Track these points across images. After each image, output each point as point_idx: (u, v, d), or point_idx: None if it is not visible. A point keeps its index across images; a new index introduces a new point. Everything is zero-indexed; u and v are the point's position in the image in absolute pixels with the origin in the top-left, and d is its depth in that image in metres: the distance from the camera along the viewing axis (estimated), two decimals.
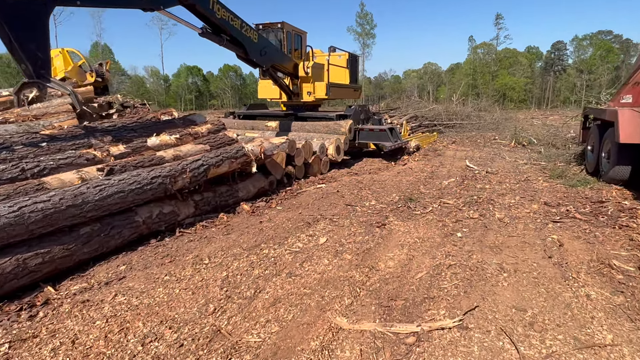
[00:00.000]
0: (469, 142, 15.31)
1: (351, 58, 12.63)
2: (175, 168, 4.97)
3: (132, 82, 78.32)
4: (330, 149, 9.09)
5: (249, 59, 8.84)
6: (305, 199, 6.69)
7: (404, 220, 5.35)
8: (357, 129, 10.72)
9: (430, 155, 11.97)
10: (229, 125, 11.50)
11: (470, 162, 10.22)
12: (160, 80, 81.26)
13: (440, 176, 8.69)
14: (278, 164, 7.56)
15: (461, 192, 7.05)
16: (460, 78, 72.51)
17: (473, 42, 76.22)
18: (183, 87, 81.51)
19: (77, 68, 16.81)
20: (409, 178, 8.47)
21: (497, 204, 6.13)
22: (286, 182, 7.85)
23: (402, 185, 7.73)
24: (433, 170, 9.45)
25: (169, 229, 5.03)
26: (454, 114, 20.31)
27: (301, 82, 11.22)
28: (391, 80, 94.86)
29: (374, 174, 9.22)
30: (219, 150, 5.92)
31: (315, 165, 8.73)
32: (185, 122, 7.04)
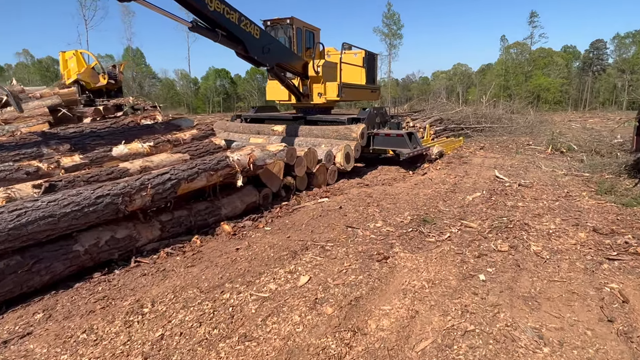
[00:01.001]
0: (499, 147, 13.93)
1: (368, 56, 11.58)
2: (132, 184, 4.10)
3: (162, 85, 79.78)
4: (339, 157, 8.09)
5: (250, 56, 7.97)
6: (301, 218, 5.72)
7: (412, 252, 4.29)
8: (371, 134, 9.66)
9: (454, 163, 10.76)
10: (234, 130, 10.73)
11: (500, 172, 8.98)
12: (190, 83, 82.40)
13: (463, 189, 7.52)
14: (274, 174, 6.63)
15: (488, 212, 5.90)
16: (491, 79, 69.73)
17: (505, 41, 73.18)
18: (211, 90, 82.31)
19: (89, 70, 16.51)
20: (427, 191, 7.35)
21: (533, 229, 4.96)
22: (284, 195, 6.91)
23: (417, 201, 6.63)
24: (456, 181, 8.28)
25: (124, 258, 4.17)
26: (483, 116, 18.84)
27: (311, 83, 10.27)
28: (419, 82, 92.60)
29: (388, 185, 8.15)
30: (195, 161, 5.04)
31: (320, 176, 7.75)
32: (168, 128, 6.22)
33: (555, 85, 66.70)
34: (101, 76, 16.48)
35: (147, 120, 6.24)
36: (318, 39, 11.10)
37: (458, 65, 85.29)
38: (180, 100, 77.41)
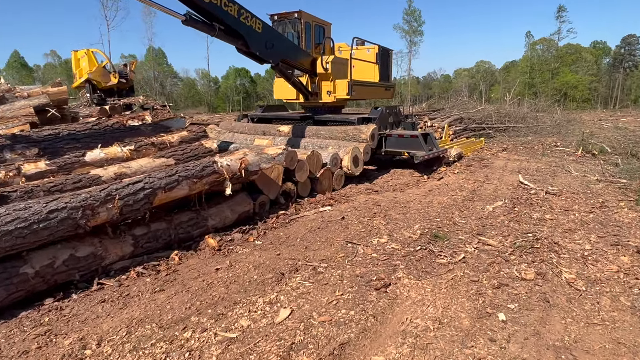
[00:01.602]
0: (523, 149, 13.01)
1: (382, 52, 10.88)
2: (95, 195, 3.60)
3: (184, 85, 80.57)
4: (346, 160, 7.46)
5: (251, 52, 7.43)
6: (297, 230, 5.13)
7: (418, 277, 3.64)
8: (383, 135, 8.99)
9: (474, 166, 9.97)
10: (239, 130, 10.22)
11: (525, 177, 8.17)
12: (210, 83, 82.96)
13: (483, 197, 6.79)
14: (272, 180, 6.06)
15: (510, 226, 5.18)
16: (515, 76, 67.49)
17: (531, 37, 70.66)
18: (231, 89, 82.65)
19: (101, 69, 16.35)
20: (442, 199, 6.65)
21: (564, 250, 4.23)
22: (283, 202, 6.33)
23: (430, 211, 5.96)
24: (475, 187, 7.54)
25: (86, 279, 3.68)
26: (506, 115, 17.83)
27: (320, 80, 9.66)
28: (440, 80, 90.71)
29: (399, 191, 7.47)
30: (176, 167, 4.51)
31: (324, 181, 7.15)
32: (156, 129, 5.74)
33: (583, 82, 64.02)
34: (112, 75, 16.31)
35: (135, 121, 5.76)
36: (329, 34, 10.48)
37: (481, 63, 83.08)
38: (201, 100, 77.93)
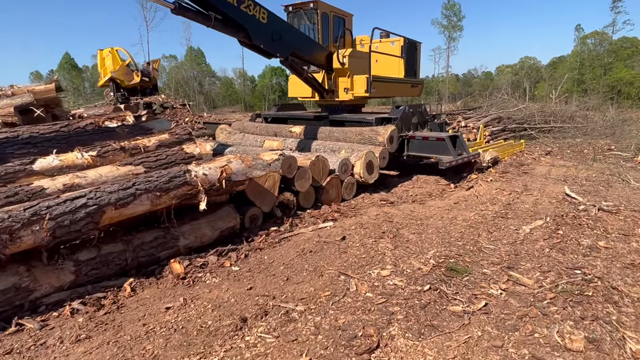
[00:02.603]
0: (570, 152, 11.53)
1: (408, 45, 9.82)
2: (17, 215, 2.93)
3: (221, 84, 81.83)
4: (358, 167, 6.55)
5: (254, 45, 6.68)
6: (285, 253, 4.30)
7: (418, 337, 2.70)
8: (405, 137, 7.99)
9: (511, 172, 8.74)
10: (250, 131, 9.53)
11: (572, 189, 6.93)
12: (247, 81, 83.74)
13: (519, 213, 5.68)
14: (266, 190, 5.27)
15: (552, 255, 4.10)
16: (563, 73, 63.32)
17: (581, 31, 66.02)
18: (267, 88, 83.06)
19: (124, 67, 16.17)
20: (468, 215, 5.61)
21: (627, 300, 3.14)
22: (280, 215, 5.52)
23: (452, 230, 4.95)
24: (510, 200, 6.41)
25: (7, 317, 3.01)
26: (552, 114, 16.14)
27: (337, 76, 8.78)
28: (481, 77, 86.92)
29: (419, 203, 6.47)
30: (134, 179, 3.79)
31: (331, 190, 6.27)
32: (135, 131, 5.08)
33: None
34: (135, 74, 16.12)
35: (113, 121, 5.14)
36: (350, 27, 9.56)
37: (525, 59, 78.68)
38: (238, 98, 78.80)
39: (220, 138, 9.72)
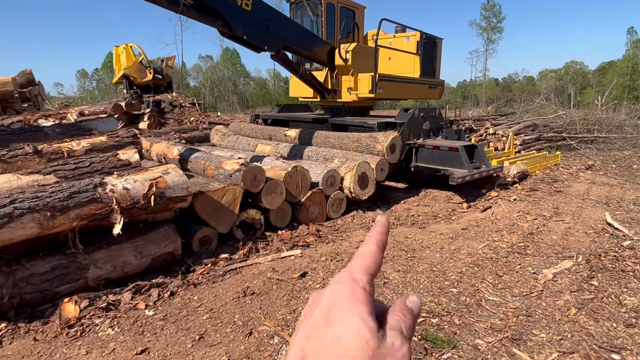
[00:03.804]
0: (616, 168, 9.95)
1: (426, 41, 8.65)
2: None
3: (255, 84, 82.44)
4: (348, 180, 5.51)
5: (235, 35, 5.81)
6: (221, 294, 3.35)
7: None
8: (413, 145, 6.86)
9: (541, 190, 7.42)
10: (246, 133, 8.68)
11: (615, 216, 5.60)
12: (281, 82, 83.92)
13: (542, 249, 4.47)
14: (223, 207, 4.34)
15: (579, 322, 2.94)
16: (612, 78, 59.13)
17: (634, 34, 61.55)
18: None
19: (137, 64, 15.80)
20: (475, 247, 4.47)
21: None
22: (242, 237, 4.58)
23: (448, 270, 3.85)
24: (534, 228, 5.18)
25: None
26: (596, 123, 14.36)
27: (340, 74, 7.78)
28: (523, 82, 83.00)
29: (419, 227, 5.35)
30: (20, 194, 2.95)
31: (313, 207, 5.26)
32: (70, 131, 4.30)
33: None
34: (147, 71, 15.75)
35: (50, 119, 4.39)
36: (360, 20, 8.54)
37: (571, 63, 74.49)
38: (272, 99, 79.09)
39: (215, 140, 8.94)
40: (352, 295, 0.42)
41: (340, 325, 0.39)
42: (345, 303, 0.41)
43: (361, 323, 0.39)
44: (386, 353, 0.38)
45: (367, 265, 0.45)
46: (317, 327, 0.41)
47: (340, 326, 0.39)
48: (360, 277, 0.44)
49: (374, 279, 0.45)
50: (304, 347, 0.40)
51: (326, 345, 0.39)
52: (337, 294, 0.43)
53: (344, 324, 0.40)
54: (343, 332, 0.39)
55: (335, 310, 0.41)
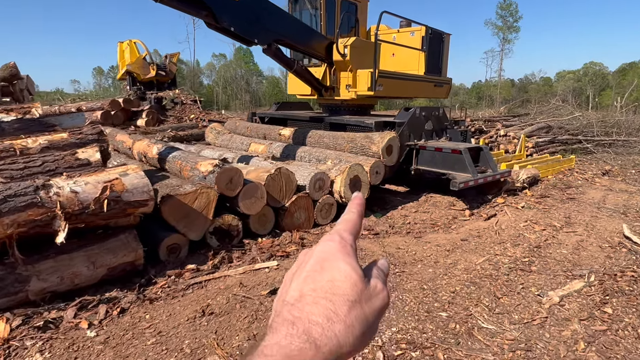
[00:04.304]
0: (636, 173, 9.31)
1: (432, 36, 8.16)
2: None
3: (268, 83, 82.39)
4: (338, 183, 5.08)
5: (223, 27, 5.43)
6: (177, 312, 2.97)
7: None
8: (413, 147, 6.40)
9: (553, 197, 6.89)
10: (241, 131, 8.32)
11: (634, 228, 5.06)
12: None
13: (550, 265, 3.99)
14: (195, 212, 3.97)
15: (588, 358, 2.47)
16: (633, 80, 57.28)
17: None
18: None
19: (141, 61, 15.54)
20: (474, 261, 4.00)
21: None
22: (217, 245, 4.20)
23: (440, 289, 3.40)
24: (542, 240, 4.69)
25: None
26: (615, 125, 13.64)
27: (338, 71, 7.35)
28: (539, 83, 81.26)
29: (415, 236, 4.89)
30: None
31: (298, 213, 4.84)
32: (30, 127, 3.97)
33: None
34: (151, 67, 15.50)
35: (12, 114, 4.06)
36: (363, 14, 8.08)
37: (590, 64, 72.67)
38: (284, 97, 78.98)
39: (209, 138, 8.61)
40: (342, 249, 0.50)
41: (335, 270, 0.47)
42: (337, 255, 0.49)
43: (351, 269, 0.47)
44: (371, 293, 0.48)
45: (351, 228, 0.54)
46: (313, 272, 0.48)
47: (335, 271, 0.47)
48: (347, 236, 0.52)
49: (356, 239, 0.53)
50: (301, 289, 0.47)
51: (322, 286, 0.46)
52: (330, 247, 0.50)
53: (338, 269, 0.47)
54: (337, 276, 0.47)
55: (329, 260, 0.49)
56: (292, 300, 0.46)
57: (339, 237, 0.51)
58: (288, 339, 0.42)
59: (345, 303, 0.45)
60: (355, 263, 0.48)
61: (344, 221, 0.55)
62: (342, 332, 0.43)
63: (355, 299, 0.45)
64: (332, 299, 0.45)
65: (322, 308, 0.44)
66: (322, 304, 0.44)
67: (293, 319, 0.44)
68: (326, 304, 0.44)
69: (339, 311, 0.44)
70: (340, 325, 0.44)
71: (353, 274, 0.47)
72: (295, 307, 0.45)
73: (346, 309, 0.44)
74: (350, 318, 0.44)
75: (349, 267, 0.47)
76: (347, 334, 0.43)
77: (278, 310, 0.47)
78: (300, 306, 0.45)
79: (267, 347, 0.42)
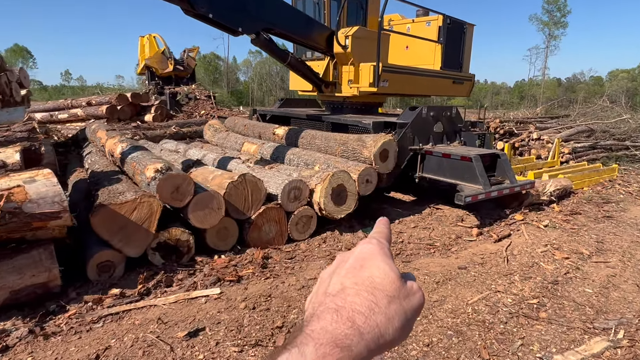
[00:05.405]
0: None
1: (450, 26, 7.22)
2: None
3: None
4: (318, 193, 4.36)
5: (200, 14, 4.85)
6: (64, 359, 2.40)
7: None
8: (418, 151, 5.58)
9: (586, 213, 5.86)
10: (238, 129, 7.76)
11: None
12: None
13: (565, 310, 3.12)
14: (133, 224, 3.39)
15: None
16: None
17: None
18: None
19: (159, 55, 15.39)
20: (467, 298, 3.20)
21: None
22: (162, 263, 3.61)
23: (410, 340, 2.64)
24: (562, 273, 3.79)
25: None
26: None
27: (340, 64, 6.61)
28: (589, 82, 76.31)
29: (404, 259, 4.10)
30: None
31: (267, 226, 4.17)
32: None
33: None
34: (169, 62, 15.32)
35: None
36: (375, 3, 7.27)
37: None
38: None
39: (207, 136, 8.13)
40: (381, 250, 0.53)
41: (374, 268, 0.50)
42: (376, 255, 0.52)
43: (389, 268, 0.50)
44: (408, 292, 0.49)
45: (385, 236, 0.57)
46: (353, 269, 0.51)
47: (374, 268, 0.50)
48: (384, 242, 0.55)
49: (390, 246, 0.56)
50: (343, 282, 0.49)
51: (363, 281, 0.48)
52: (369, 249, 0.53)
53: (377, 267, 0.50)
54: (376, 273, 0.49)
55: (368, 259, 0.51)
56: (334, 291, 0.48)
57: (377, 241, 0.55)
58: (333, 324, 0.44)
59: (385, 297, 0.47)
60: (393, 264, 0.51)
61: (377, 232, 0.58)
62: (383, 322, 0.45)
63: (394, 294, 0.48)
64: (373, 292, 0.47)
65: (364, 299, 0.46)
66: (364, 295, 0.47)
67: (337, 307, 0.46)
68: (368, 296, 0.46)
69: (380, 303, 0.46)
70: (382, 316, 0.46)
71: (391, 272, 0.49)
72: (338, 297, 0.47)
73: (386, 302, 0.47)
74: (391, 311, 0.46)
75: (388, 267, 0.50)
76: (387, 325, 0.46)
77: (320, 300, 0.49)
78: (343, 296, 0.47)
79: (314, 332, 0.43)
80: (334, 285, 0.49)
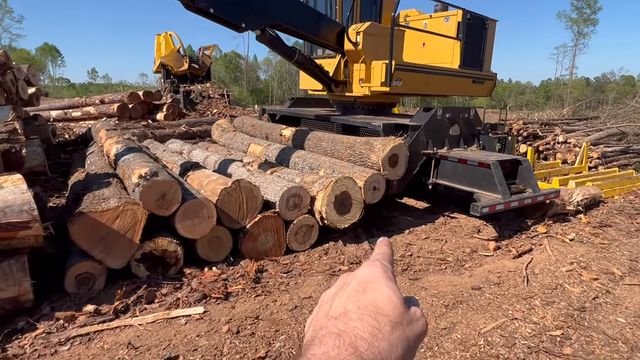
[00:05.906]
0: None
1: (470, 22, 6.77)
2: None
3: None
4: (320, 201, 4.04)
5: (200, 9, 4.59)
6: None
7: None
8: (431, 155, 5.19)
9: (617, 225, 5.36)
10: (246, 130, 7.51)
11: None
12: None
13: (593, 345, 2.71)
14: (115, 234, 3.15)
15: None
16: None
17: None
18: None
19: (175, 53, 15.33)
20: (479, 327, 2.83)
21: None
22: (146, 275, 3.36)
23: None
24: (590, 297, 3.37)
25: None
26: None
27: (351, 62, 6.27)
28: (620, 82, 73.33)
29: (411, 277, 3.74)
30: None
31: (264, 236, 3.88)
32: None
33: None
34: (184, 60, 15.25)
35: None
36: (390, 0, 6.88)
37: None
38: None
39: (215, 136, 7.92)
40: (384, 273, 0.51)
41: (377, 292, 0.48)
42: (380, 279, 0.50)
43: (393, 293, 0.48)
44: (411, 319, 0.48)
45: (388, 258, 0.56)
46: (356, 293, 0.49)
47: (377, 293, 0.48)
48: (387, 265, 0.54)
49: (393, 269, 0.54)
50: (345, 306, 0.48)
51: (365, 305, 0.47)
52: (372, 272, 0.52)
53: (381, 291, 0.48)
54: (379, 297, 0.48)
55: (372, 282, 0.50)
56: (337, 315, 0.47)
57: (380, 264, 0.53)
58: (336, 350, 0.43)
59: (389, 323, 0.46)
60: (397, 288, 0.50)
61: (380, 254, 0.57)
62: (385, 349, 0.44)
63: (397, 320, 0.46)
64: (376, 317, 0.46)
65: (367, 325, 0.45)
66: (367, 320, 0.45)
67: (339, 332, 0.45)
68: (371, 322, 0.45)
69: (383, 329, 0.45)
70: (384, 343, 0.44)
71: (395, 297, 0.48)
72: (340, 321, 0.46)
73: (389, 329, 0.45)
74: (393, 338, 0.45)
75: (391, 291, 0.49)
76: (390, 353, 0.44)
77: (322, 323, 0.48)
78: (345, 320, 0.46)
79: (315, 357, 0.42)
80: (336, 308, 0.49)
